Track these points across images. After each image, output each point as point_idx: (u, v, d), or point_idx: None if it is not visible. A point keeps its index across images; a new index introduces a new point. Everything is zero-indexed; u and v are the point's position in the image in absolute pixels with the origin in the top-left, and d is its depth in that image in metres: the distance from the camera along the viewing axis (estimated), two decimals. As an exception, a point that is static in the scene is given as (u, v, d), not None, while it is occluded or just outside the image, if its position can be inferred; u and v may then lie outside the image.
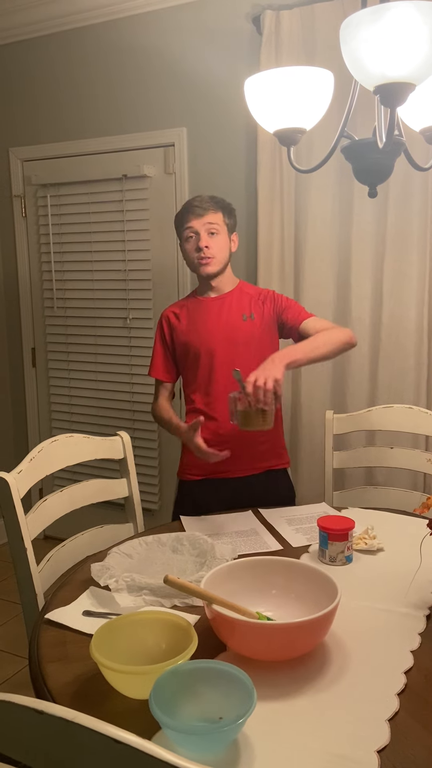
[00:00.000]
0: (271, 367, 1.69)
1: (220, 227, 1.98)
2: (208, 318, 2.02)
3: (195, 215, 1.96)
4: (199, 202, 1.98)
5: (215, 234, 1.97)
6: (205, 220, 1.96)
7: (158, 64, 2.94)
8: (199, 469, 2.05)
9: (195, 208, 1.97)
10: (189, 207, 1.99)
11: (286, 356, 1.76)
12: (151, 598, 1.37)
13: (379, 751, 0.94)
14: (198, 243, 1.96)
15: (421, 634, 1.24)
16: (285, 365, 1.72)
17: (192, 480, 2.08)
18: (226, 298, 2.03)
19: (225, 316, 2.01)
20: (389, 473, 2.60)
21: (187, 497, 2.08)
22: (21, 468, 1.62)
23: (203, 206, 1.97)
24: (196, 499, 2.05)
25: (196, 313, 2.05)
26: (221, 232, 1.99)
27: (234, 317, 2.01)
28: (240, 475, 2.03)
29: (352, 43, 1.09)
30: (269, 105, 1.34)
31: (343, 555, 1.54)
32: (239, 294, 2.05)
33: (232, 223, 2.04)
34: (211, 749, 0.94)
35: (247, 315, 2.01)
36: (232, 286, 2.06)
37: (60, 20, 3.10)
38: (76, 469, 3.12)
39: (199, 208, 1.96)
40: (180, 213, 2.02)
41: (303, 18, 2.53)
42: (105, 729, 0.63)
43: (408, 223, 2.47)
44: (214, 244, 1.97)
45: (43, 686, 1.12)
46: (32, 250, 3.43)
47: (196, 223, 1.96)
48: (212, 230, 1.97)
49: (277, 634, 1.10)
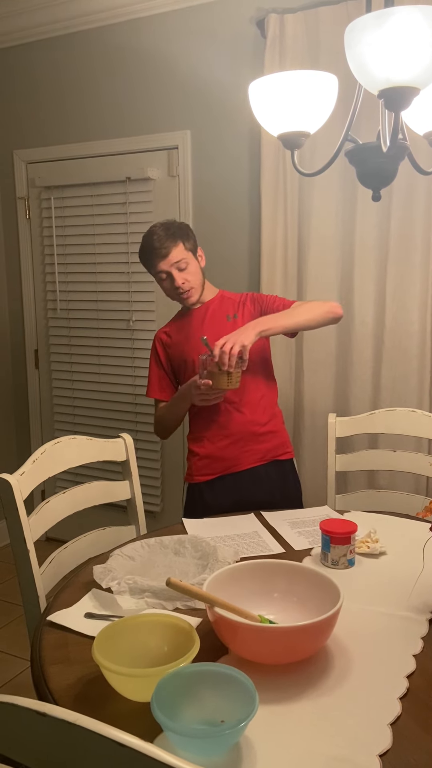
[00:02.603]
0: (241, 333, 1.84)
1: (187, 258, 2.01)
2: (195, 325, 2.09)
3: (160, 257, 1.98)
4: (158, 240, 1.98)
5: (185, 267, 2.01)
6: (171, 260, 1.99)
7: (162, 67, 2.95)
8: (209, 469, 2.08)
9: (158, 250, 1.98)
10: (150, 250, 1.99)
11: (259, 324, 1.89)
12: (153, 600, 1.37)
13: (381, 755, 0.94)
14: (174, 283, 2.01)
15: (424, 638, 1.24)
16: (256, 333, 1.86)
17: (202, 482, 2.10)
18: (209, 305, 2.11)
19: (209, 320, 2.07)
20: (392, 476, 2.60)
21: (198, 499, 2.10)
22: (24, 470, 1.62)
23: (165, 245, 1.97)
24: (206, 500, 2.08)
25: (184, 325, 2.12)
26: (189, 261, 2.02)
27: (218, 319, 2.07)
28: (247, 467, 2.07)
29: (356, 47, 1.09)
30: (273, 108, 1.35)
31: (345, 558, 1.54)
32: (221, 300, 2.12)
33: (193, 244, 2.06)
34: (213, 752, 0.93)
35: (231, 315, 2.08)
36: (213, 294, 2.13)
37: (64, 23, 3.11)
38: (79, 471, 3.12)
39: (163, 248, 1.97)
40: (143, 255, 2.04)
41: (307, 22, 2.53)
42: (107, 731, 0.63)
43: (411, 227, 2.47)
44: (188, 276, 2.02)
45: (45, 688, 1.12)
46: (36, 252, 3.44)
47: (163, 265, 1.99)
48: (181, 266, 2.00)
49: (279, 637, 1.10)
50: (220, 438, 2.05)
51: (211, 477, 2.09)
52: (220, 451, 2.06)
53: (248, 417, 2.05)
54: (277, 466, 2.12)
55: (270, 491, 2.08)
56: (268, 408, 2.10)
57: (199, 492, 2.11)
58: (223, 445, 2.06)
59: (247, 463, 2.07)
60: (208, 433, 2.07)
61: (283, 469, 2.14)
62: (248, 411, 2.05)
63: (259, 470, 2.08)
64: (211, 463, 2.08)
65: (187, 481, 2.16)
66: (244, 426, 2.05)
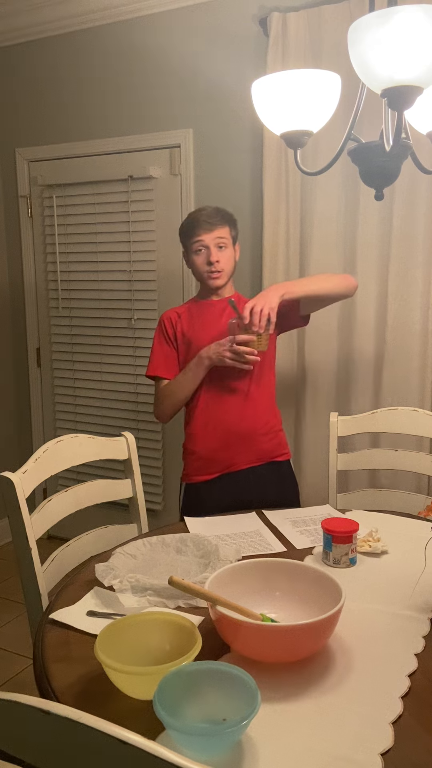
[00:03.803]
0: (267, 295, 1.89)
1: (227, 241, 2.02)
2: (211, 318, 2.07)
3: (204, 229, 1.99)
4: (207, 215, 2.00)
5: (224, 248, 2.02)
6: (215, 235, 1.99)
7: (165, 65, 2.95)
8: (206, 470, 2.08)
9: (204, 223, 1.99)
10: (197, 220, 2.00)
11: (282, 287, 1.93)
12: (155, 598, 1.37)
13: (382, 754, 0.94)
14: (209, 257, 2.00)
15: (425, 637, 1.24)
16: (279, 295, 1.90)
17: (199, 482, 2.10)
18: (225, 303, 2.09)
19: (227, 318, 2.06)
20: (393, 476, 2.60)
21: (195, 499, 2.10)
22: (26, 468, 1.63)
23: (212, 220, 1.99)
24: (204, 500, 2.07)
25: (198, 313, 2.10)
26: (229, 246, 2.03)
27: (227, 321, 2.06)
28: (244, 467, 2.07)
29: (359, 46, 1.09)
30: (276, 107, 1.35)
31: (347, 557, 1.54)
32: (237, 300, 2.11)
33: (236, 235, 2.08)
34: (215, 750, 0.94)
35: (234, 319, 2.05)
36: (231, 293, 2.14)
37: (66, 21, 3.10)
38: (81, 469, 3.13)
39: (209, 222, 1.99)
40: (187, 225, 2.03)
41: (310, 20, 2.53)
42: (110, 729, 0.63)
43: (414, 226, 2.47)
44: (223, 257, 2.02)
45: (48, 686, 1.13)
46: (38, 250, 3.44)
47: (206, 237, 1.99)
48: (221, 244, 2.01)
49: (280, 636, 1.10)
50: (217, 437, 2.05)
51: (208, 477, 2.08)
52: (217, 452, 2.06)
53: (248, 416, 2.05)
54: (274, 467, 2.12)
55: (266, 492, 2.08)
56: (267, 408, 2.10)
57: (196, 492, 2.10)
58: (219, 446, 2.05)
59: (244, 464, 2.07)
60: (206, 430, 2.06)
61: (280, 470, 2.14)
62: (249, 410, 2.05)
63: (255, 471, 2.08)
64: (208, 463, 2.07)
65: (184, 481, 2.16)
66: (243, 425, 2.05)
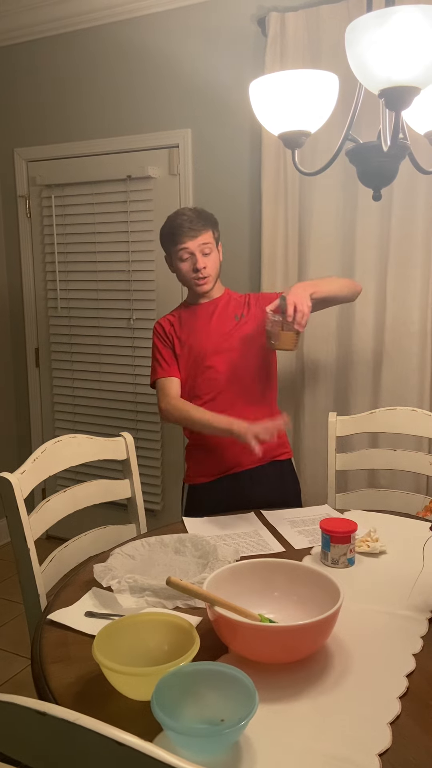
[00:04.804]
0: (300, 294, 1.87)
1: (212, 245, 2.01)
2: (203, 321, 2.07)
3: (189, 236, 1.97)
4: (189, 221, 1.97)
5: (209, 253, 2.01)
6: (200, 241, 1.98)
7: (163, 65, 2.95)
8: (210, 471, 2.08)
9: (188, 230, 1.96)
10: (180, 227, 1.97)
11: (310, 286, 1.93)
12: (153, 599, 1.37)
13: (380, 755, 0.94)
14: (195, 264, 1.99)
15: (423, 637, 1.24)
16: (309, 294, 1.90)
17: (203, 483, 2.09)
18: (218, 302, 2.09)
19: (217, 318, 2.07)
20: (392, 476, 2.60)
21: (198, 501, 2.09)
22: (24, 468, 1.63)
23: (196, 226, 1.97)
24: (207, 501, 2.07)
25: (190, 319, 2.09)
26: (213, 250, 2.02)
27: (227, 318, 2.07)
28: (248, 468, 2.06)
29: (357, 46, 1.09)
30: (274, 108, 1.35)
31: (345, 557, 1.54)
32: (228, 298, 2.11)
33: (218, 236, 2.07)
34: (213, 751, 0.94)
35: (239, 315, 2.08)
36: (221, 291, 2.12)
37: (65, 21, 3.10)
38: (79, 469, 3.12)
39: (192, 229, 1.96)
40: (170, 231, 2.01)
41: (308, 20, 2.53)
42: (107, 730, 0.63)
43: (412, 226, 2.47)
44: (209, 263, 2.01)
45: (46, 687, 1.13)
46: (36, 250, 3.43)
47: (191, 245, 1.97)
48: (206, 250, 2.00)
49: (279, 636, 1.10)
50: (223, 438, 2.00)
51: (211, 479, 2.08)
52: (223, 453, 2.05)
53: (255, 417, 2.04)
54: (276, 466, 2.12)
55: (269, 492, 2.07)
56: (269, 407, 2.10)
57: (199, 494, 2.10)
58: (225, 447, 2.04)
59: (248, 464, 2.06)
60: None
61: (282, 469, 2.14)
62: (256, 412, 2.04)
63: (257, 471, 2.07)
64: (212, 464, 2.07)
65: (186, 482, 2.15)
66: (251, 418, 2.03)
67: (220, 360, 2.04)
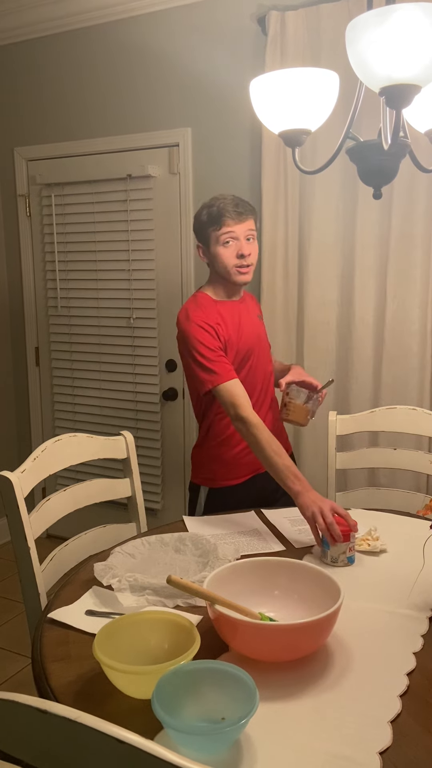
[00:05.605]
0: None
1: (255, 234, 1.89)
2: (242, 320, 1.98)
3: (234, 219, 1.83)
4: (235, 204, 1.84)
5: (252, 240, 1.88)
6: (246, 226, 1.85)
7: (163, 64, 2.94)
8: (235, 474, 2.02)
9: (234, 212, 1.82)
10: (225, 209, 1.83)
11: None
12: (153, 598, 1.37)
13: (381, 753, 0.94)
14: (239, 250, 1.85)
15: (424, 635, 1.24)
16: None
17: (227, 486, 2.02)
18: (245, 300, 2.05)
19: (249, 316, 2.02)
20: (392, 474, 2.60)
21: (220, 503, 2.01)
22: (24, 467, 1.63)
23: (242, 210, 1.83)
24: (229, 503, 1.99)
25: (231, 316, 1.95)
26: (255, 239, 1.90)
27: (253, 317, 2.04)
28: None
29: (357, 44, 1.09)
30: (274, 106, 1.35)
31: (345, 556, 1.54)
32: (246, 296, 2.09)
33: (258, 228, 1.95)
34: (214, 749, 0.94)
35: (259, 314, 2.08)
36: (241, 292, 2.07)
37: (65, 20, 3.10)
38: (80, 468, 3.13)
39: (239, 212, 1.83)
40: (213, 213, 1.85)
41: (308, 19, 2.53)
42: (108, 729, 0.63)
43: (412, 225, 2.47)
44: (254, 251, 1.89)
45: (46, 685, 1.13)
46: (36, 249, 3.43)
47: (237, 228, 1.84)
48: (250, 236, 1.87)
49: (279, 635, 1.10)
50: None
51: (237, 481, 2.01)
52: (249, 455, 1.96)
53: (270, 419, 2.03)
54: None
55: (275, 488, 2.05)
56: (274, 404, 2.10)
57: (222, 496, 2.02)
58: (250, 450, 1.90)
59: None
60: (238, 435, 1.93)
61: None
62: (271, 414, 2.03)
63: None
64: (239, 467, 2.00)
65: (206, 485, 2.05)
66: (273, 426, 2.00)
67: (255, 361, 1.99)
